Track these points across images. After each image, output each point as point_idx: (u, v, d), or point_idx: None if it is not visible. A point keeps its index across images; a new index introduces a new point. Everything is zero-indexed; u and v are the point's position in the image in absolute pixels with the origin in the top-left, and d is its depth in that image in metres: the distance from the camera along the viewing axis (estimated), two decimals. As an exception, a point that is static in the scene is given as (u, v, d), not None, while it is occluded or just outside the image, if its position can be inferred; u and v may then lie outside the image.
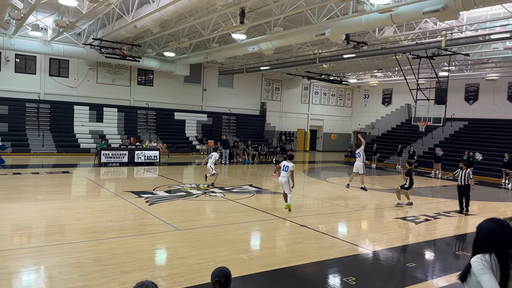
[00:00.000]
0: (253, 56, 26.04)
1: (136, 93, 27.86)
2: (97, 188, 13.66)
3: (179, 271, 6.08)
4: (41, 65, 24.24)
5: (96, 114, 25.57)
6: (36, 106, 23.84)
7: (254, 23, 15.97)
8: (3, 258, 6.42)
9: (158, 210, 10.22)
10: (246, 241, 8.39)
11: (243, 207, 11.24)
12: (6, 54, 22.97)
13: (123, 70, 27.08)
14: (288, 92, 35.33)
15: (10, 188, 12.62)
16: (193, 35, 20.33)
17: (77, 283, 5.49)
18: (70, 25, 17.14)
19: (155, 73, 28.08)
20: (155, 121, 28.10)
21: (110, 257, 6.56)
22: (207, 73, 30.83)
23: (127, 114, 26.78)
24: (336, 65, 27.17)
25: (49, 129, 23.94)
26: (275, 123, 34.41)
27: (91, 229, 8.28)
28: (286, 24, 17.19)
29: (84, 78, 25.69)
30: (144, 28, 16.57)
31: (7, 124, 22.64)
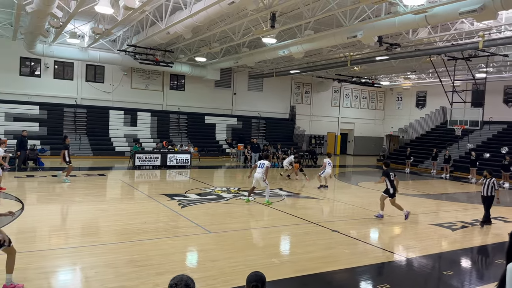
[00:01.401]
0: (283, 60, 26.06)
1: (169, 97, 28.43)
2: (132, 191, 14.01)
3: (212, 273, 6.15)
4: (78, 71, 25.17)
5: (130, 119, 26.27)
6: (74, 110, 24.75)
7: (284, 26, 15.97)
8: (43, 257, 6.69)
9: (190, 212, 10.36)
10: (277, 245, 8.38)
11: (273, 210, 11.23)
12: (46, 61, 23.99)
13: (156, 76, 27.71)
14: (318, 95, 35.08)
15: (49, 190, 13.14)
16: (224, 40, 20.57)
17: (113, 283, 5.64)
18: (106, 32, 17.70)
19: (187, 78, 28.57)
20: (186, 125, 28.56)
21: (144, 259, 6.71)
22: (237, 77, 31.08)
23: (159, 118, 27.37)
24: (368, 67, 26.75)
25: (86, 133, 24.79)
26: (305, 126, 34.22)
27: (126, 231, 8.50)
28: (317, 27, 17.10)
29: (119, 84, 26.47)
30: (176, 34, 16.90)
31: (46, 128, 23.61)
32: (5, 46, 22.41)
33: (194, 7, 13.30)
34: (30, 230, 8.41)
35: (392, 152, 31.24)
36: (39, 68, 24.20)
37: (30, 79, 24.00)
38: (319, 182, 16.20)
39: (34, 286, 5.45)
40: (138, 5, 12.19)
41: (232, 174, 20.98)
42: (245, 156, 24.63)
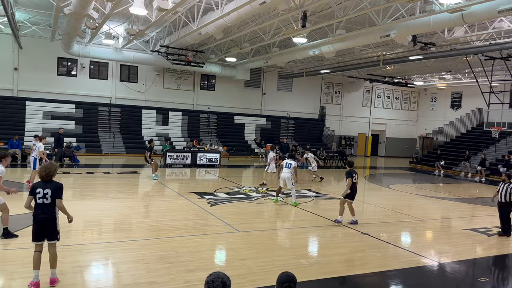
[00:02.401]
0: (313, 60, 25.87)
1: (199, 97, 28.80)
2: (163, 188, 14.28)
3: (240, 272, 6.18)
4: (113, 71, 25.90)
5: (162, 118, 26.81)
6: (108, 109, 25.49)
7: (315, 26, 15.86)
8: (77, 252, 6.92)
9: (219, 211, 10.46)
10: (306, 246, 8.33)
11: (302, 211, 11.17)
12: (82, 61, 24.83)
13: (187, 76, 28.13)
14: (349, 95, 34.61)
15: (84, 186, 13.59)
16: (254, 40, 20.64)
17: (145, 279, 5.77)
18: (139, 33, 18.13)
19: (217, 78, 28.85)
20: (216, 125, 28.85)
21: (175, 255, 6.82)
22: (267, 77, 31.10)
23: (190, 118, 27.78)
24: (401, 67, 26.16)
25: (119, 131, 25.47)
26: (335, 127, 33.84)
27: (157, 228, 8.67)
28: (349, 26, 16.87)
29: (151, 83, 27.05)
30: (208, 35, 17.10)
31: (81, 126, 24.42)
32: (44, 46, 23.34)
33: (225, 7, 13.42)
34: (65, 225, 8.69)
35: (426, 154, 30.38)
36: (76, 68, 25.06)
37: (67, 79, 24.89)
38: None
39: (69, 279, 5.65)
40: (171, 6, 12.40)
41: (260, 174, 20.97)
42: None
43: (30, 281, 5.31)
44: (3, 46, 22.86)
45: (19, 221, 8.64)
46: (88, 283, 5.77)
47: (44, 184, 5.40)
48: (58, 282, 5.43)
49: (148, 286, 5.53)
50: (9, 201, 7.88)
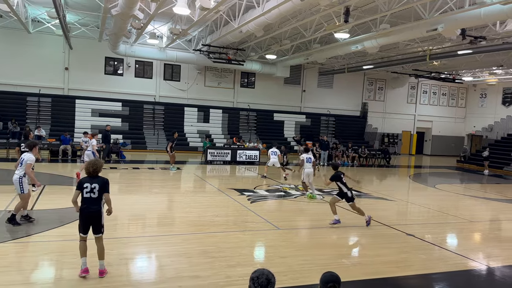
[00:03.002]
0: (355, 55, 25.35)
1: (239, 95, 29.04)
2: (204, 184, 14.55)
3: (281, 270, 6.19)
4: (157, 70, 26.66)
5: (203, 115, 27.30)
6: (152, 107, 26.29)
7: (358, 21, 15.52)
8: (124, 244, 7.20)
9: (259, 208, 10.51)
10: (347, 246, 8.21)
11: (343, 210, 10.99)
12: (128, 61, 25.72)
13: (227, 74, 28.45)
14: (392, 91, 33.63)
15: (130, 181, 14.10)
16: (295, 37, 20.51)
17: (187, 272, 5.91)
18: (182, 33, 18.53)
19: (257, 76, 28.95)
20: (255, 122, 28.98)
21: (216, 250, 6.94)
22: (307, 74, 30.83)
23: (230, 115, 28.10)
24: (449, 62, 25.08)
25: (163, 128, 26.19)
26: (377, 124, 33.02)
27: (198, 223, 8.86)
28: (393, 21, 16.38)
29: (193, 82, 27.60)
30: (248, 33, 17.18)
31: (127, 123, 25.34)
32: (92, 47, 24.39)
33: (266, 5, 13.42)
34: (112, 218, 9.06)
35: (474, 153, 28.99)
36: (122, 67, 26.02)
37: (114, 78, 25.89)
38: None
39: (115, 271, 5.88)
40: (213, 5, 12.58)
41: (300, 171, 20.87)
42: (314, 154, 24.35)
43: (80, 270, 5.57)
44: (55, 47, 24.11)
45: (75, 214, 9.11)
46: (133, 275, 5.98)
47: (91, 179, 5.64)
48: (106, 273, 5.66)
49: (190, 279, 5.66)
50: (60, 194, 8.31)
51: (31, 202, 8.99)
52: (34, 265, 6.06)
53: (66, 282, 5.42)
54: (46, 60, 23.96)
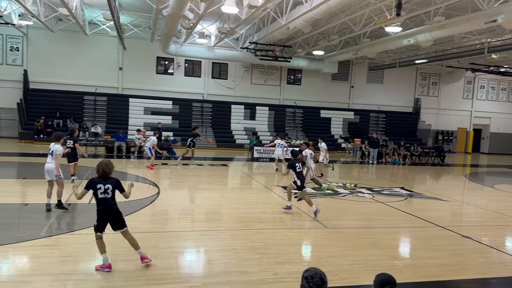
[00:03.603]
0: (407, 49, 24.42)
1: (285, 92, 28.95)
2: (251, 181, 14.66)
3: (330, 269, 6.08)
4: (205, 69, 27.20)
5: (250, 112, 27.51)
6: (201, 105, 26.86)
7: (411, 14, 14.93)
8: (174, 238, 7.41)
9: (306, 206, 10.40)
10: (399, 247, 7.94)
11: (394, 210, 10.66)
12: (178, 60, 26.45)
13: (274, 71, 28.45)
14: (447, 86, 32.08)
15: (179, 177, 14.48)
16: (343, 32, 20.10)
17: (236, 268, 5.97)
18: (230, 31, 18.75)
19: (304, 72, 28.71)
20: (301, 119, 28.77)
21: (264, 247, 6.96)
22: (356, 69, 30.14)
23: (276, 112, 28.10)
24: (509, 55, 23.48)
25: (211, 125, 26.71)
26: (431, 121, 31.65)
27: (246, 219, 8.93)
28: (448, 13, 15.59)
29: (240, 80, 27.87)
30: (296, 29, 17.06)
31: (177, 121, 26.08)
32: (144, 47, 25.30)
33: (314, 0, 13.24)
34: (163, 212, 9.40)
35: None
36: (172, 66, 26.80)
37: (164, 77, 26.73)
38: None
39: (164, 263, 6.07)
40: (261, 3, 12.60)
41: (348, 169, 20.49)
42: (362, 152, 23.80)
43: (101, 264, 5.62)
44: (110, 48, 25.27)
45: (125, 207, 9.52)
46: (182, 268, 6.14)
47: (103, 180, 5.66)
48: (148, 259, 5.79)
49: (239, 275, 5.72)
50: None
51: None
52: (90, 256, 6.38)
53: (120, 273, 5.66)
54: (101, 61, 25.17)
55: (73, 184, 6.28)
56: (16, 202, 9.52)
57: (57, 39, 24.05)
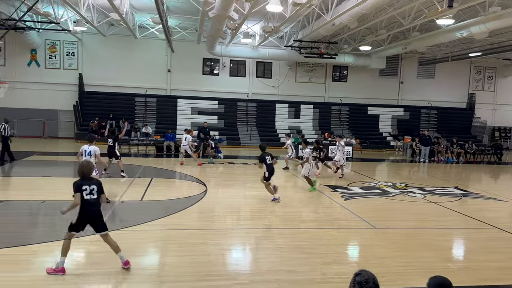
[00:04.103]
0: (460, 42, 23.25)
1: (331, 89, 28.54)
2: (296, 180, 14.59)
3: (378, 270, 5.88)
4: (250, 68, 27.41)
5: (294, 111, 27.39)
6: (245, 105, 27.11)
7: (464, 5, 14.19)
8: (221, 235, 7.53)
9: (353, 206, 10.22)
10: (452, 249, 7.59)
11: (447, 211, 10.19)
12: (223, 61, 26.85)
13: (319, 68, 28.12)
14: (504, 80, 30.21)
15: (226, 176, 14.71)
16: (391, 26, 19.48)
17: (282, 267, 5.97)
18: (274, 30, 18.75)
19: (350, 69, 28.15)
20: (348, 117, 28.23)
21: (310, 246, 6.91)
22: (405, 64, 29.12)
23: (321, 110, 27.77)
24: None
25: (255, 124, 26.87)
26: (487, 117, 29.93)
27: (292, 218, 8.91)
28: (504, 3, 14.66)
29: (284, 78, 27.82)
30: (341, 25, 16.76)
31: (223, 120, 26.49)
32: (191, 49, 25.91)
33: (360, -5, 12.94)
34: (210, 210, 9.59)
35: None
36: (218, 67, 27.25)
37: (210, 77, 27.23)
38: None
39: (212, 260, 6.19)
40: (305, 0, 12.49)
41: (397, 168, 19.86)
42: (413, 150, 22.95)
43: (55, 267, 5.39)
44: (159, 51, 26.10)
45: (175, 205, 9.82)
46: (229, 265, 6.23)
47: (87, 181, 5.58)
48: (129, 264, 5.63)
49: (286, 274, 5.71)
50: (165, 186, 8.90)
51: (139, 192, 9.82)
52: (143, 251, 6.64)
53: (170, 268, 5.84)
54: (151, 63, 26.06)
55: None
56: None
57: (109, 43, 25.19)
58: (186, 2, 17.93)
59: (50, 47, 25.37)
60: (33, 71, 25.08)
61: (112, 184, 11.88)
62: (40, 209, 9.19)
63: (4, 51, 23.66)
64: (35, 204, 9.41)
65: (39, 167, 14.89)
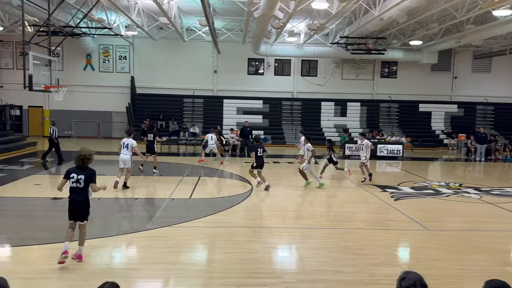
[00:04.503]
0: (520, 34, 21.78)
1: (379, 86, 27.77)
2: (343, 179, 14.35)
3: (430, 272, 5.69)
4: (294, 67, 27.28)
5: (340, 109, 26.93)
6: (290, 103, 27.02)
7: (524, -7, 13.30)
8: (268, 234, 7.57)
9: (404, 206, 9.89)
10: (510, 252, 7.14)
11: (505, 212, 9.61)
12: (268, 60, 26.92)
13: (366, 65, 27.46)
14: None
15: (271, 175, 14.65)
16: (444, 19, 18.64)
17: (329, 267, 5.90)
18: (320, 27, 18.54)
19: (399, 64, 27.24)
20: (397, 114, 27.34)
21: (359, 247, 6.78)
22: (458, 58, 27.73)
23: (369, 108, 27.10)
24: None
25: (300, 123, 26.70)
26: (551, 113, 27.81)
27: (338, 218, 8.79)
28: None
29: (330, 76, 27.42)
30: (390, 20, 16.27)
31: (268, 120, 26.56)
32: (236, 49, 26.20)
33: (410, -12, 12.49)
34: (256, 209, 9.67)
35: None
36: (262, 66, 27.38)
37: (255, 77, 27.41)
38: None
39: (258, 258, 6.24)
40: (351, -5, 12.25)
41: (451, 167, 18.98)
42: (468, 148, 21.81)
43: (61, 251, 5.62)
44: (206, 52, 26.65)
45: (221, 203, 9.99)
46: (275, 263, 6.24)
47: (78, 170, 5.74)
48: (82, 260, 5.76)
49: (334, 274, 5.64)
50: (213, 185, 9.06)
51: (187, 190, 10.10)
52: (191, 247, 6.83)
53: (218, 265, 5.96)
54: (198, 65, 26.66)
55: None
56: (128, 197, 10.55)
57: (159, 47, 26.05)
58: (232, 3, 18.16)
59: (104, 52, 26.66)
60: (88, 75, 26.48)
61: (162, 182, 12.31)
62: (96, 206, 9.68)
63: (62, 57, 25.13)
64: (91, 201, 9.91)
65: (94, 166, 15.66)
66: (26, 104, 25.88)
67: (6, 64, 26.09)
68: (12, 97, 25.31)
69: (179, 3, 19.47)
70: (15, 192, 10.68)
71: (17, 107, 26.21)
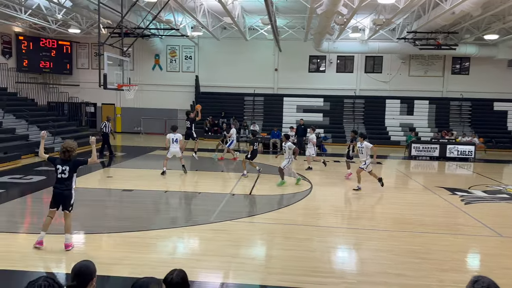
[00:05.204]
0: None
1: (449, 83, 26.20)
2: (407, 181, 13.78)
3: (505, 282, 5.20)
4: (358, 64, 26.54)
5: (406, 107, 25.79)
6: (352, 101, 26.36)
7: None
8: (328, 233, 7.48)
9: (475, 210, 9.28)
10: None
11: None
12: (330, 57, 26.46)
13: (435, 61, 26.03)
14: None
15: (331, 174, 14.48)
16: (524, 10, 17.14)
17: (392, 270, 5.70)
18: (386, 22, 17.88)
19: (472, 60, 25.49)
20: (469, 113, 25.64)
21: (425, 251, 6.47)
22: (541, 53, 25.32)
23: (438, 106, 25.67)
24: None
25: (363, 122, 25.96)
26: None
27: (403, 220, 8.44)
28: None
29: (396, 72, 26.34)
30: (462, 13, 15.28)
31: (328, 118, 26.14)
32: (297, 47, 26.05)
33: (486, -23, 11.64)
34: (315, 207, 9.59)
35: None
36: (324, 64, 26.96)
37: (316, 75, 27.07)
38: None
39: (318, 256, 6.21)
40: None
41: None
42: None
43: (36, 241, 6.00)
44: (267, 51, 26.81)
45: (281, 200, 10.03)
46: (335, 263, 6.16)
47: (63, 162, 6.00)
48: (72, 247, 6.00)
49: (397, 277, 5.45)
50: (272, 182, 9.11)
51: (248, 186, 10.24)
52: (251, 242, 6.94)
53: (277, 261, 6.01)
54: (259, 64, 26.90)
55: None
56: (190, 190, 10.94)
57: (222, 46, 26.65)
58: (295, 1, 18.08)
59: (171, 52, 27.82)
60: (156, 74, 27.80)
61: (223, 178, 12.63)
62: (161, 198, 10.17)
63: (132, 57, 26.60)
64: (158, 193, 10.44)
65: (161, 161, 16.47)
66: (100, 101, 27.75)
67: (82, 64, 28.16)
68: (87, 95, 27.28)
69: (242, 3, 19.77)
70: (91, 183, 11.51)
71: (91, 104, 28.20)
